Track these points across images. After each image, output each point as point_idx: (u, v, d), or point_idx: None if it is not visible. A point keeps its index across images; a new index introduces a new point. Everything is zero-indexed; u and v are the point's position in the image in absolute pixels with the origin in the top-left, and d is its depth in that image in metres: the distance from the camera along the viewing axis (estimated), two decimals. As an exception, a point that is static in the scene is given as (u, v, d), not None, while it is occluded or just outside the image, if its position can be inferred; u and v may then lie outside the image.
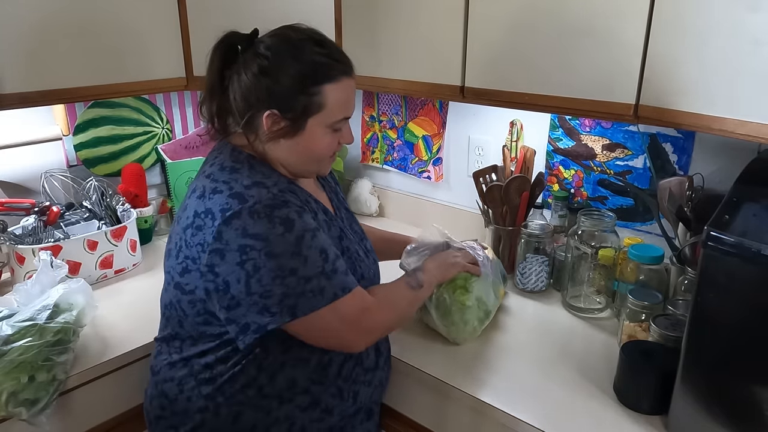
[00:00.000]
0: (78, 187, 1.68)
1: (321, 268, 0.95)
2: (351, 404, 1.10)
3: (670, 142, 1.42)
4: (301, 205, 0.99)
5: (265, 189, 0.96)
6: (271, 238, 0.93)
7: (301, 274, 0.94)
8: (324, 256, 0.96)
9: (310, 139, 1.01)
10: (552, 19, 1.17)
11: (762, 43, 0.91)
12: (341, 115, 1.02)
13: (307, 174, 1.09)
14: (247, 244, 0.92)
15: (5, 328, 1.13)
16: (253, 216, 0.93)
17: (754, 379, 0.89)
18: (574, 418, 1.06)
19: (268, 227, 0.93)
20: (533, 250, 1.48)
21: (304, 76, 0.98)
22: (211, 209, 0.95)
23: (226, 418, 1.02)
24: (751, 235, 0.85)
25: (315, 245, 0.96)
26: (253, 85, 0.98)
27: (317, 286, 0.95)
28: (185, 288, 1.00)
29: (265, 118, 0.98)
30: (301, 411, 1.05)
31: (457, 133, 1.84)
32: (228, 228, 0.93)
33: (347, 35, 1.56)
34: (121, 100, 1.81)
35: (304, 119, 0.99)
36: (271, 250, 0.92)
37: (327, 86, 0.99)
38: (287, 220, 0.94)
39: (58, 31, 1.30)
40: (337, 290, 0.96)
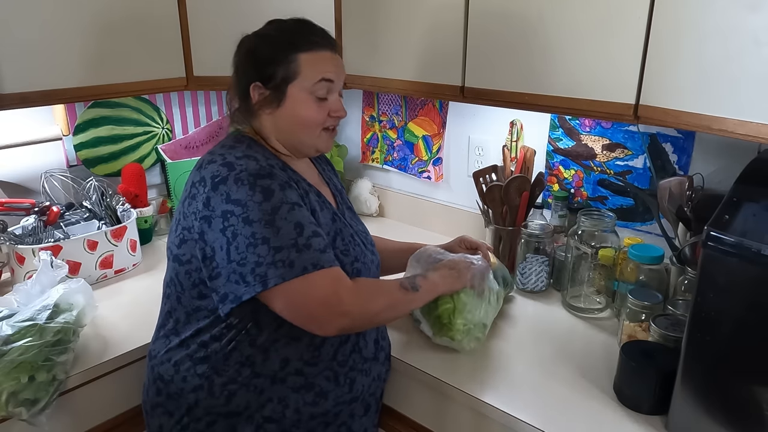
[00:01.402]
0: (78, 187, 1.68)
1: (293, 241, 0.95)
2: (347, 391, 1.10)
3: (670, 142, 1.42)
4: (286, 181, 1.01)
5: (254, 161, 1.00)
6: (249, 205, 0.95)
7: (273, 243, 0.94)
8: (299, 230, 0.97)
9: (293, 105, 1.06)
10: (552, 19, 1.17)
11: (762, 43, 0.91)
12: (318, 77, 1.06)
13: (303, 149, 1.11)
14: (228, 210, 0.96)
15: (5, 328, 1.13)
16: (237, 182, 0.97)
17: (754, 379, 0.89)
18: (574, 418, 1.06)
19: (249, 194, 0.96)
20: (533, 250, 1.48)
21: (280, 46, 1.06)
22: (204, 177, 1.00)
23: (219, 397, 1.04)
24: (751, 235, 0.85)
25: (290, 218, 0.97)
26: (243, 64, 1.09)
27: (287, 257, 0.95)
28: (182, 259, 1.04)
29: (252, 90, 1.06)
30: (293, 392, 1.05)
31: (457, 133, 1.84)
32: (215, 194, 0.98)
33: (347, 35, 1.56)
34: (121, 100, 1.81)
35: (284, 86, 1.05)
36: (247, 216, 0.95)
37: (302, 55, 1.05)
38: (267, 190, 0.97)
39: (59, 32, 1.30)
40: (307, 264, 0.95)
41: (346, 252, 1.08)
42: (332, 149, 2.01)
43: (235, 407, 1.04)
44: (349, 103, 2.09)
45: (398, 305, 1.11)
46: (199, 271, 1.01)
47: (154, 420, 1.11)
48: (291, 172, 1.07)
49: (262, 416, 1.05)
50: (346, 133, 2.14)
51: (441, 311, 1.20)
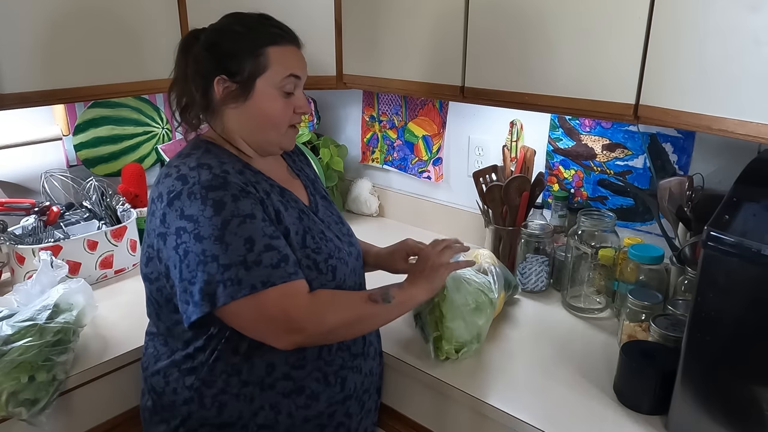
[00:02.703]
0: (78, 187, 1.68)
1: (242, 258, 0.93)
2: (339, 390, 1.09)
3: (670, 142, 1.42)
4: (242, 188, 0.98)
5: (207, 170, 0.98)
6: (200, 220, 0.93)
7: (222, 261, 0.92)
8: (249, 245, 0.94)
9: (260, 100, 1.04)
10: (552, 19, 1.17)
11: (762, 43, 0.91)
12: (287, 72, 1.05)
13: (268, 146, 1.09)
14: (182, 227, 0.94)
15: (5, 328, 1.13)
16: (189, 197, 0.95)
17: (754, 379, 0.89)
18: (574, 418, 1.06)
19: (200, 209, 0.94)
20: (533, 250, 1.48)
21: (248, 41, 1.03)
22: (162, 192, 0.99)
23: (211, 408, 1.03)
24: (751, 235, 0.85)
25: (241, 233, 0.94)
26: (205, 58, 1.04)
27: (235, 276, 0.92)
28: (150, 277, 1.03)
29: (216, 84, 1.03)
30: (284, 397, 1.04)
31: (457, 133, 1.84)
32: (170, 210, 0.96)
33: (347, 35, 1.56)
34: (121, 100, 1.82)
35: (252, 80, 1.03)
36: (198, 232, 0.93)
37: (270, 48, 1.04)
38: (218, 203, 0.94)
39: (59, 31, 1.30)
40: (256, 282, 0.92)
41: (318, 250, 1.05)
42: (332, 149, 2.01)
43: (228, 418, 1.03)
44: (349, 103, 2.09)
45: (365, 319, 1.05)
46: (168, 287, 1.00)
47: (151, 427, 1.11)
48: (251, 174, 1.04)
49: (255, 424, 1.04)
50: (346, 133, 2.14)
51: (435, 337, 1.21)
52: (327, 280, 1.05)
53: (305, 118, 2.01)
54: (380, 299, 1.05)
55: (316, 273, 1.03)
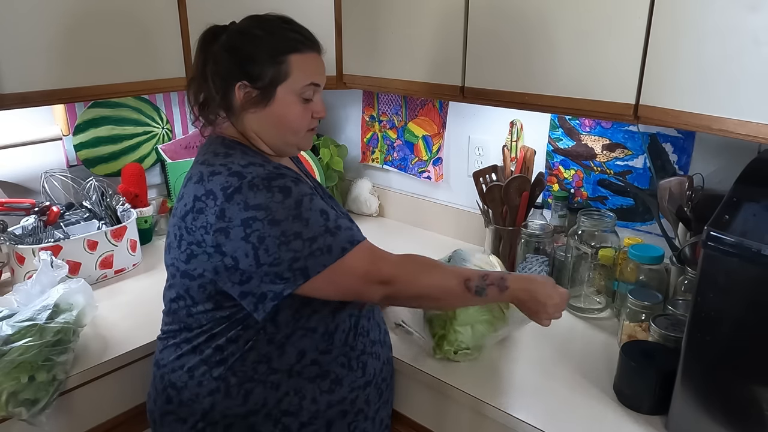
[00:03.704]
0: (78, 187, 1.68)
1: (324, 227, 0.97)
2: (360, 375, 1.12)
3: (670, 142, 1.42)
4: (296, 176, 1.03)
5: (261, 167, 1.01)
6: (272, 206, 0.96)
7: (306, 235, 0.96)
8: (325, 216, 0.98)
9: (281, 107, 1.05)
10: (552, 19, 1.17)
11: (762, 43, 0.91)
12: (308, 80, 1.06)
13: (287, 148, 1.12)
14: (250, 217, 0.96)
15: (5, 328, 1.13)
16: (252, 189, 0.97)
17: (754, 379, 0.89)
18: (574, 418, 1.06)
19: (268, 196, 0.96)
20: (533, 250, 1.48)
21: (270, 47, 1.04)
22: (212, 190, 0.99)
23: (236, 397, 1.04)
24: (751, 235, 0.85)
25: (314, 207, 0.98)
26: (226, 60, 1.05)
27: (324, 244, 0.97)
28: (193, 274, 1.02)
29: (237, 89, 1.04)
30: (309, 382, 1.06)
31: (457, 133, 1.84)
32: (230, 204, 0.97)
33: (347, 35, 1.56)
34: (121, 100, 1.81)
35: (273, 87, 1.04)
36: (273, 217, 0.95)
37: (293, 56, 1.04)
38: (284, 188, 0.98)
39: (59, 32, 1.30)
40: (345, 244, 0.98)
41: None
42: (332, 149, 2.01)
43: (253, 405, 1.04)
44: (349, 103, 2.09)
45: (450, 298, 1.08)
46: (213, 283, 1.00)
47: (164, 429, 1.10)
48: (291, 171, 1.07)
49: (279, 411, 1.05)
50: (346, 133, 2.14)
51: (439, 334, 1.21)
52: None
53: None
54: (473, 290, 1.05)
55: None
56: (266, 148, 1.09)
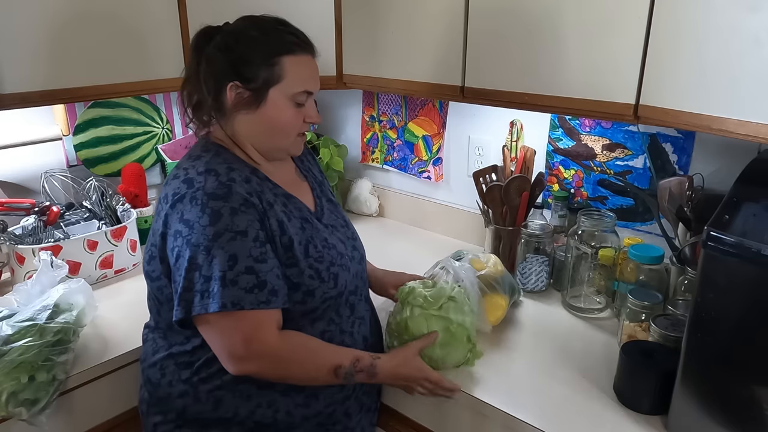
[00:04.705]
0: (78, 187, 1.68)
1: (222, 274, 0.93)
2: (338, 390, 1.09)
3: (670, 142, 1.42)
4: (245, 200, 0.98)
5: (214, 176, 0.98)
6: (195, 228, 0.95)
7: (204, 272, 0.94)
8: (231, 263, 0.94)
9: (272, 109, 1.04)
10: (552, 19, 1.17)
11: (762, 43, 0.91)
12: (301, 87, 1.04)
13: (276, 152, 1.10)
14: (178, 230, 0.96)
15: (5, 328, 1.13)
16: (192, 201, 0.96)
17: (754, 379, 0.89)
18: (574, 418, 1.06)
19: (198, 216, 0.95)
20: (533, 250, 1.48)
21: (264, 48, 1.03)
22: (167, 194, 1.00)
23: (206, 403, 1.04)
24: (751, 235, 0.85)
25: (228, 248, 0.94)
26: (219, 61, 1.03)
27: (211, 290, 0.93)
28: (152, 275, 1.04)
29: (228, 89, 1.02)
30: (282, 395, 1.05)
31: (457, 133, 1.84)
32: (173, 212, 0.98)
33: (347, 35, 1.56)
34: (121, 100, 1.81)
35: (266, 89, 1.03)
36: (190, 239, 0.95)
37: (286, 58, 1.03)
38: (215, 214, 0.95)
39: (59, 32, 1.30)
40: (227, 302, 0.93)
41: (320, 258, 1.05)
42: (332, 149, 2.01)
43: (224, 413, 1.04)
44: (349, 103, 2.09)
45: (318, 383, 1.05)
46: (169, 286, 1.01)
47: (149, 419, 1.11)
48: (257, 182, 1.04)
49: (253, 422, 1.04)
50: (346, 133, 2.14)
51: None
52: (329, 287, 1.06)
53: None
54: (342, 377, 1.03)
55: (319, 282, 1.04)
56: (254, 152, 1.08)
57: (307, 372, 1.03)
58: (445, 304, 1.14)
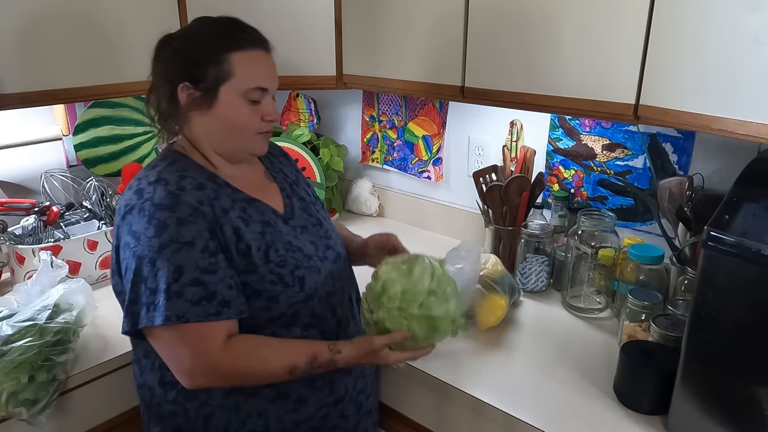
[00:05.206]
0: (78, 187, 1.68)
1: (167, 286, 0.91)
2: (327, 393, 1.07)
3: (670, 142, 1.42)
4: (194, 209, 0.95)
5: (163, 185, 0.97)
6: (141, 239, 0.93)
7: (149, 284, 0.92)
8: (177, 275, 0.92)
9: (225, 108, 1.01)
10: (552, 19, 1.17)
11: (762, 43, 0.91)
12: (253, 84, 1.01)
13: (238, 153, 1.07)
14: (127, 242, 0.95)
15: (5, 328, 1.13)
16: (140, 213, 0.95)
17: (754, 379, 0.89)
18: (574, 418, 1.06)
19: (144, 227, 0.93)
20: (533, 250, 1.48)
21: (212, 45, 1.00)
22: (120, 206, 1.00)
23: (196, 421, 1.02)
24: (751, 235, 0.85)
25: (173, 260, 0.92)
26: (171, 64, 1.02)
27: (154, 302, 0.92)
28: (116, 289, 1.03)
29: (180, 91, 1.00)
30: (271, 403, 1.03)
31: (457, 133, 1.84)
32: (123, 224, 0.97)
33: (347, 35, 1.56)
34: (121, 100, 1.81)
35: (216, 88, 1.00)
36: (136, 250, 0.93)
37: (234, 54, 1.00)
38: (161, 225, 0.93)
39: (59, 32, 1.30)
40: (171, 315, 0.91)
41: (283, 263, 1.02)
42: (332, 149, 2.01)
43: (215, 429, 1.02)
44: (349, 103, 2.09)
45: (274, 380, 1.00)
46: None
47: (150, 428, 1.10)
48: (213, 187, 1.01)
49: (246, 431, 1.03)
50: (346, 133, 2.14)
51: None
52: (295, 292, 1.02)
53: (305, 118, 2.01)
54: (300, 373, 0.98)
55: (282, 287, 1.01)
56: (214, 156, 1.05)
57: (260, 378, 1.00)
58: (426, 300, 1.01)
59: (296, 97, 2.01)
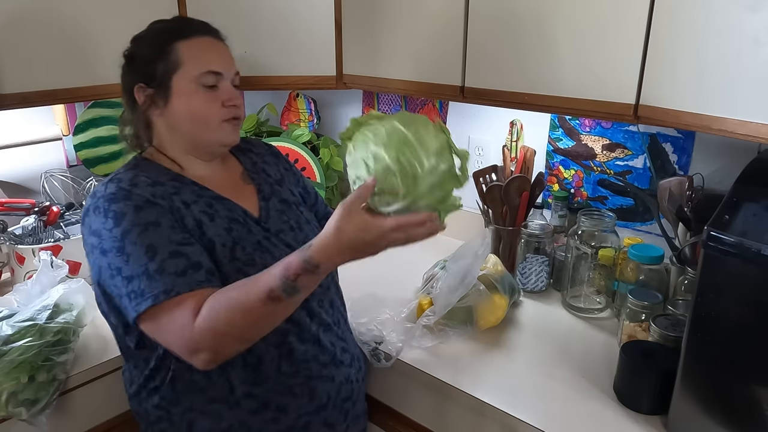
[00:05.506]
0: (78, 187, 1.68)
1: (144, 267, 0.88)
2: (308, 401, 1.03)
3: (670, 142, 1.42)
4: (147, 200, 0.93)
5: (116, 183, 0.96)
6: (102, 234, 0.91)
7: (124, 273, 0.89)
8: (151, 254, 0.88)
9: (180, 98, 0.99)
10: (552, 19, 1.17)
11: (762, 43, 0.91)
12: (204, 68, 0.99)
13: (208, 147, 1.04)
14: (92, 243, 0.94)
15: (5, 328, 1.13)
16: (96, 211, 0.94)
17: (754, 379, 0.89)
18: (574, 418, 1.06)
19: (102, 222, 0.92)
20: (533, 250, 1.48)
21: (155, 40, 1.01)
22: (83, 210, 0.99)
23: (180, 427, 1.01)
24: (751, 235, 0.85)
25: (141, 241, 0.89)
26: (124, 72, 1.04)
27: (138, 288, 0.88)
28: (97, 300, 1.02)
29: (136, 93, 1.01)
30: (252, 414, 1.00)
31: (457, 133, 1.83)
32: (83, 227, 0.97)
33: (347, 35, 1.56)
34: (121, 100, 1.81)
35: (168, 80, 0.99)
36: (102, 247, 0.91)
37: (180, 43, 1.00)
38: (119, 215, 0.91)
39: (59, 32, 1.30)
40: (158, 292, 0.87)
41: (251, 262, 0.98)
42: (332, 149, 2.01)
43: None
44: (349, 103, 2.09)
45: (270, 319, 0.91)
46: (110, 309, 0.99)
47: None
48: (175, 185, 0.99)
49: None
50: (346, 133, 2.13)
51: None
52: None
53: (305, 118, 2.01)
54: (284, 297, 0.87)
55: None
56: (184, 156, 1.04)
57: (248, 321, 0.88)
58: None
59: (296, 97, 2.01)
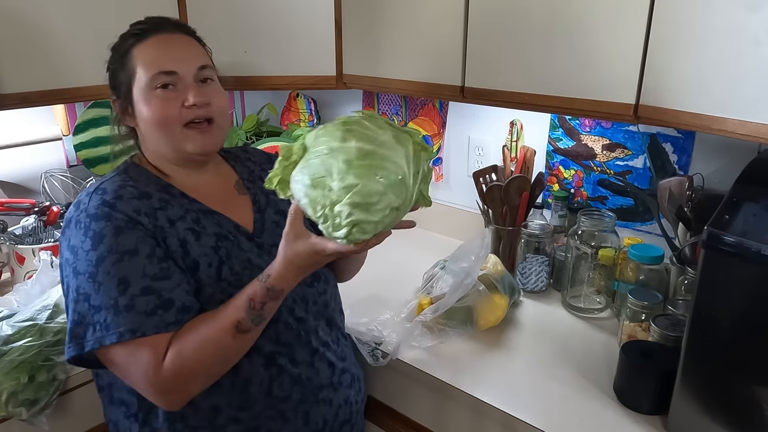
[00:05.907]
0: (78, 187, 1.68)
1: (114, 300, 0.84)
2: (302, 425, 0.99)
3: (670, 142, 1.42)
4: (129, 218, 0.89)
5: (99, 195, 0.91)
6: (79, 253, 0.87)
7: (93, 302, 0.85)
8: (122, 287, 0.85)
9: (140, 107, 0.96)
10: (552, 19, 1.17)
11: (762, 43, 0.91)
12: (154, 70, 0.94)
13: (180, 154, 0.98)
14: (67, 258, 0.89)
15: (5, 328, 1.13)
16: (77, 226, 0.89)
17: (754, 379, 0.89)
18: (574, 418, 1.06)
19: (81, 240, 0.87)
20: (533, 250, 1.48)
21: (117, 51, 0.99)
22: (64, 219, 0.95)
23: None
24: (751, 235, 0.85)
25: (115, 272, 0.85)
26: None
27: (104, 320, 0.84)
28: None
29: (112, 105, 1.02)
30: None
31: (457, 133, 1.84)
32: (63, 238, 0.92)
33: (347, 35, 1.56)
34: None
35: (130, 90, 0.97)
36: (76, 266, 0.87)
37: (134, 49, 0.97)
38: (97, 236, 0.86)
39: (59, 32, 1.30)
40: (124, 330, 0.83)
41: (237, 283, 0.92)
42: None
43: None
44: (349, 103, 2.08)
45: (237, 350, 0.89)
46: None
47: None
48: (162, 197, 0.95)
49: None
50: (346, 133, 2.13)
51: None
52: None
53: (305, 118, 2.01)
54: (250, 328, 0.88)
55: None
56: (166, 164, 1.01)
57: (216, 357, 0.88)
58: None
59: (296, 97, 2.01)
